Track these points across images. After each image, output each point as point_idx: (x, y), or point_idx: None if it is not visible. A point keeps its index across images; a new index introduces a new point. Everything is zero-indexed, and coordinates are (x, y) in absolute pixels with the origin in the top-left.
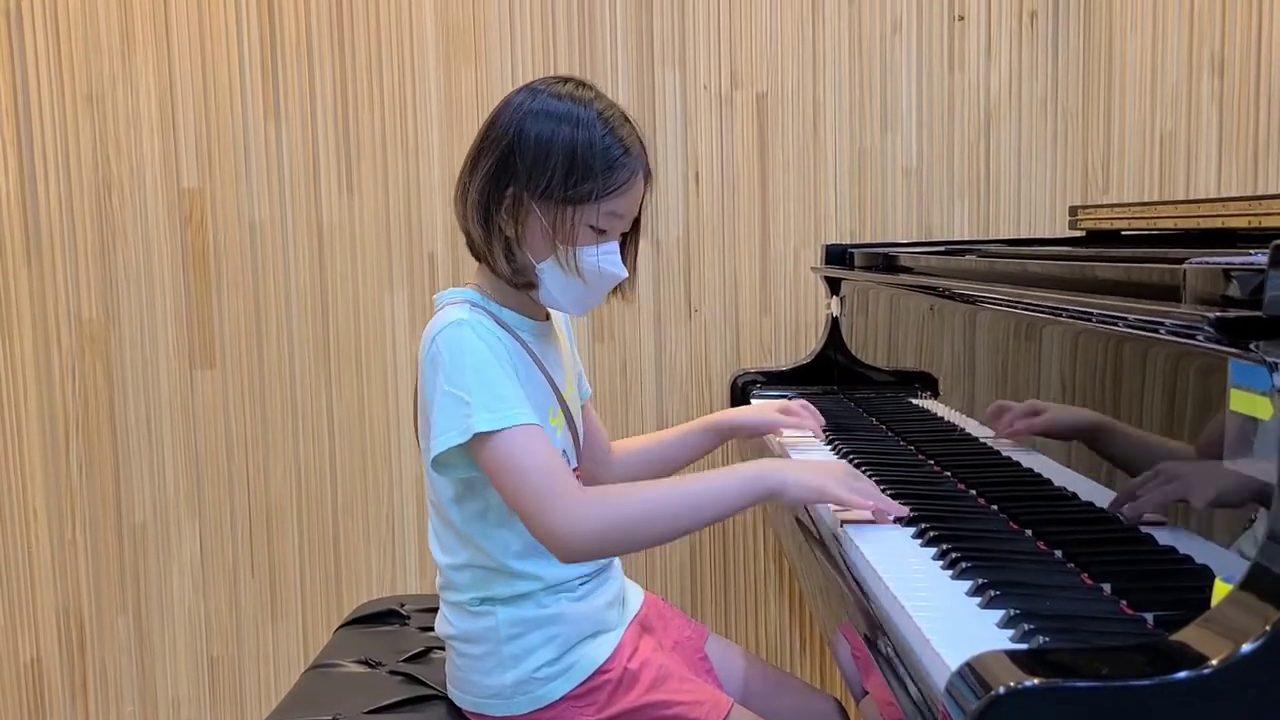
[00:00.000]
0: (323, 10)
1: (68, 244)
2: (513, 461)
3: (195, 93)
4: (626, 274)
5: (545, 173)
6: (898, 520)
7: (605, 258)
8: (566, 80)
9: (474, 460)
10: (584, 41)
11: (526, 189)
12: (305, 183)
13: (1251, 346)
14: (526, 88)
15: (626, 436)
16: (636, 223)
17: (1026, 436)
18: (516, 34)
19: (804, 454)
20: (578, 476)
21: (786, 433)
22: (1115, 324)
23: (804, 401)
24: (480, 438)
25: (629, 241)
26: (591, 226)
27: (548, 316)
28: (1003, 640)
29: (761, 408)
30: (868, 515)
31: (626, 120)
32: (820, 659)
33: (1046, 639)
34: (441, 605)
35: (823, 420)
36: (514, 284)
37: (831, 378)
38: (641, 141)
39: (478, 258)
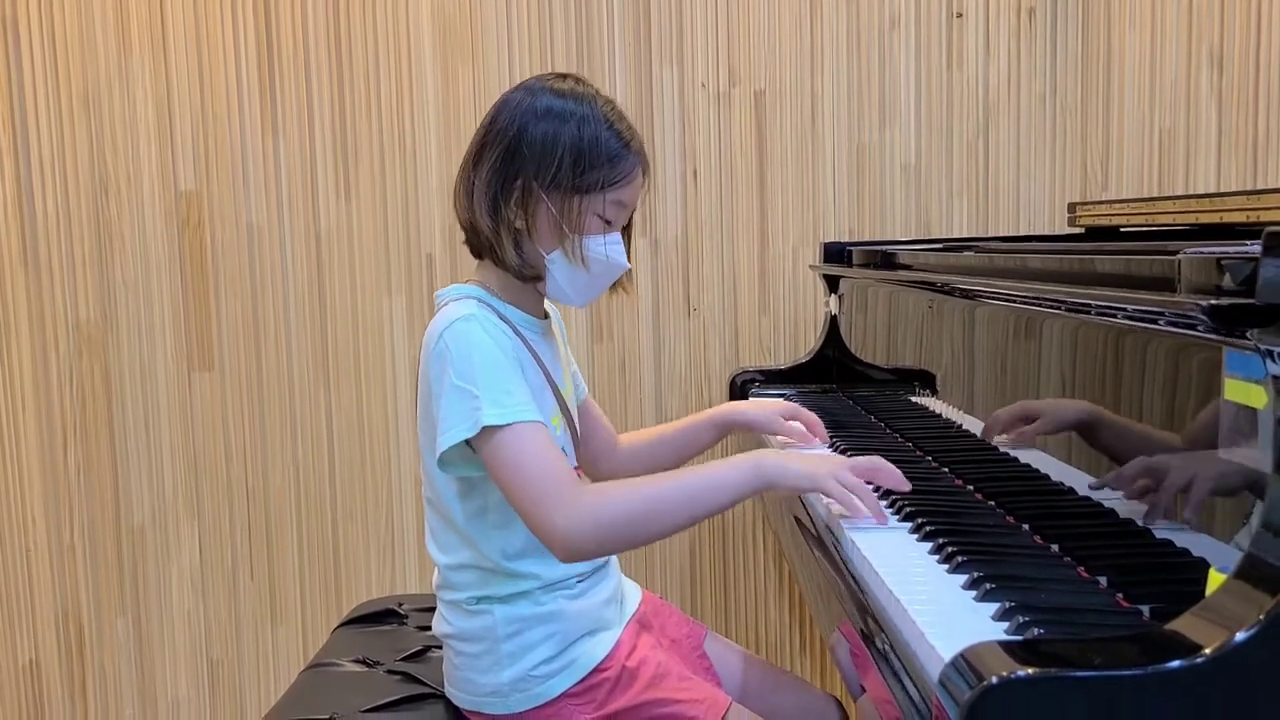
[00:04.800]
0: (319, 13)
1: (65, 247)
2: (517, 458)
3: (192, 95)
4: (629, 265)
5: (553, 163)
6: (892, 508)
7: (611, 247)
8: (564, 77)
9: (478, 455)
10: (582, 40)
11: (535, 179)
12: (302, 184)
13: (1246, 334)
14: (523, 86)
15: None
16: (630, 217)
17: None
18: (514, 35)
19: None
20: (579, 475)
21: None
22: (1113, 316)
23: (812, 416)
24: (486, 432)
25: (625, 235)
26: (598, 215)
27: (546, 316)
28: (998, 633)
29: (767, 406)
30: (862, 514)
31: (623, 115)
32: (820, 659)
33: (1041, 631)
34: (439, 604)
35: (825, 436)
36: (522, 275)
37: (830, 376)
38: (638, 135)
39: (479, 254)
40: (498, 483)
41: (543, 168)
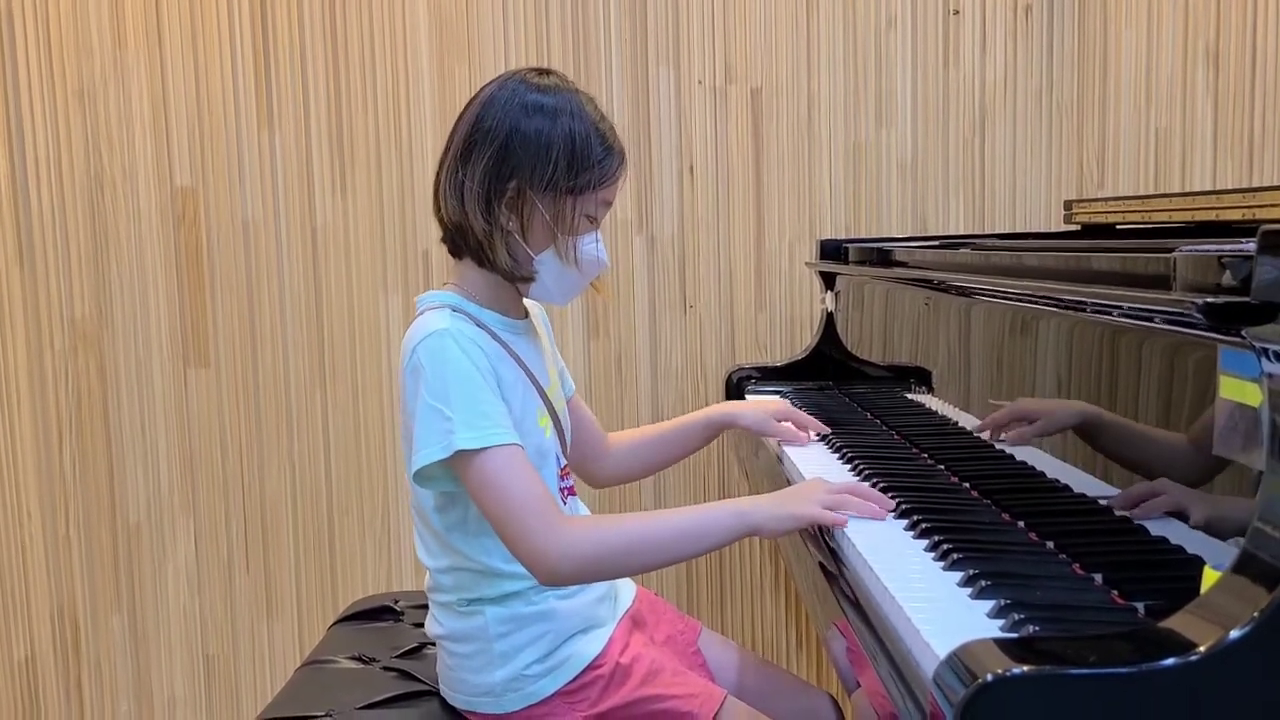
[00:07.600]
0: (315, 8)
1: (60, 242)
2: (495, 485)
3: (187, 90)
4: (609, 262)
5: (549, 165)
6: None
7: (599, 247)
8: (545, 73)
9: (456, 475)
10: (578, 38)
11: (529, 182)
12: (299, 181)
13: (1241, 332)
14: (503, 83)
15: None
16: None
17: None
18: (510, 32)
19: (799, 451)
20: (567, 473)
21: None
22: (1109, 314)
23: (805, 416)
24: (462, 455)
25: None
26: (587, 216)
27: (526, 314)
28: (993, 630)
29: (761, 406)
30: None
31: (603, 113)
32: (815, 655)
33: (1037, 628)
34: (430, 606)
35: (823, 429)
36: (512, 277)
37: (826, 373)
38: (617, 133)
39: (459, 254)
40: (478, 505)
41: (538, 169)
